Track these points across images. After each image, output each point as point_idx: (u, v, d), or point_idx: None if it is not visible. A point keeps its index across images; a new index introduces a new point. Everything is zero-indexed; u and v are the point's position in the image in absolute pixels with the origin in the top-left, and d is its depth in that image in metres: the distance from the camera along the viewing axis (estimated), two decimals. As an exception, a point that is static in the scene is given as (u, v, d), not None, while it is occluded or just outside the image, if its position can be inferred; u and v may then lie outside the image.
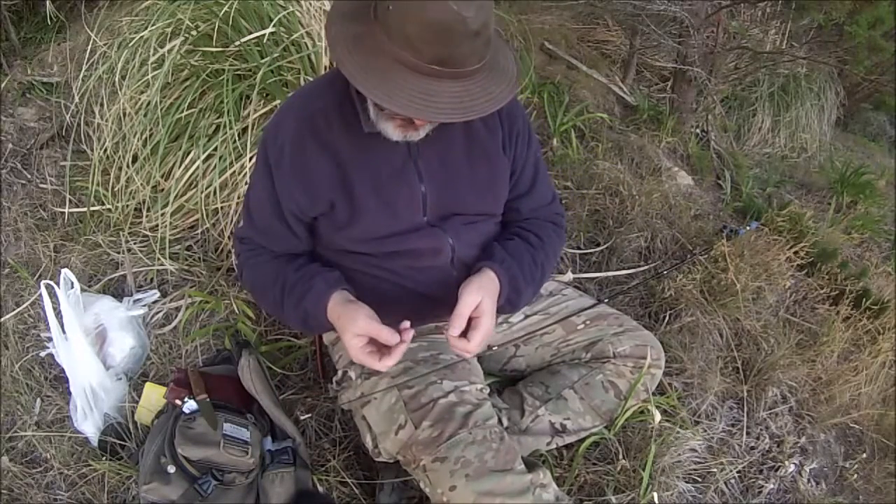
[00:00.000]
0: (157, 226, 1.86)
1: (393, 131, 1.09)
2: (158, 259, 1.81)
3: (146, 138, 1.88)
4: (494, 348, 1.40)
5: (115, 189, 1.94)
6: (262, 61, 1.75)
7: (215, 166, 1.78)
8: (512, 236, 1.30)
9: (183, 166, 1.83)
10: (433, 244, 1.22)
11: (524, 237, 1.29)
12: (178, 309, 1.74)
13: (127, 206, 1.92)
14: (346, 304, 1.14)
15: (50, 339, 1.57)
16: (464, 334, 1.12)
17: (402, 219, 1.20)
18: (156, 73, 1.85)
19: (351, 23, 1.00)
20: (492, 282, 1.17)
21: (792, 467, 1.65)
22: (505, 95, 1.01)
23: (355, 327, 1.09)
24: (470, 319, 1.12)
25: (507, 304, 1.22)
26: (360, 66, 0.97)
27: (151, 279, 1.81)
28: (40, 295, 1.56)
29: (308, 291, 1.17)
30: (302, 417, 1.51)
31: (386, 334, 1.08)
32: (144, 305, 1.72)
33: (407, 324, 1.10)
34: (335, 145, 1.16)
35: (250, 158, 1.77)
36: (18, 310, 1.73)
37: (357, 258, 1.23)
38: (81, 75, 2.04)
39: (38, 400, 1.56)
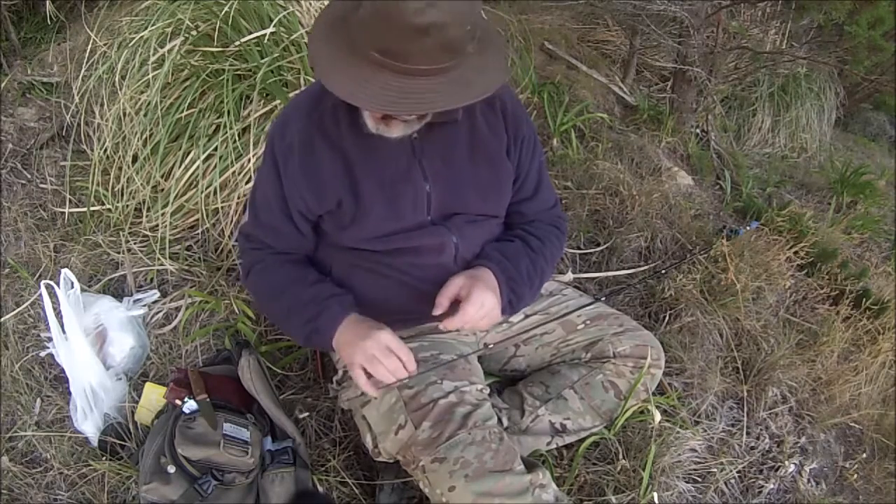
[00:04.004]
0: (157, 226, 1.86)
1: (370, 122, 1.12)
2: (158, 259, 1.81)
3: (146, 138, 1.88)
4: (491, 346, 1.40)
5: (115, 189, 1.94)
6: (262, 61, 1.75)
7: (215, 166, 1.78)
8: (514, 238, 1.31)
9: (183, 166, 1.83)
10: (437, 241, 1.23)
11: (526, 241, 1.30)
12: (178, 309, 1.74)
13: (127, 206, 1.92)
14: (362, 321, 1.16)
15: (50, 339, 1.57)
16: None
17: (407, 217, 1.21)
18: (156, 73, 1.85)
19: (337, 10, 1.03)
20: (486, 273, 1.19)
21: (792, 467, 1.65)
22: (443, 104, 1.00)
23: (382, 335, 1.12)
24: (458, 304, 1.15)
25: (508, 306, 1.23)
26: (318, 49, 1.01)
27: (151, 279, 1.81)
28: (40, 295, 1.56)
29: (322, 312, 1.18)
30: (301, 417, 1.51)
31: (406, 352, 1.12)
32: (144, 305, 1.72)
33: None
34: (343, 144, 1.17)
35: (250, 158, 1.77)
36: (18, 310, 1.73)
37: (361, 255, 1.24)
38: (81, 75, 2.05)
39: (38, 400, 1.56)
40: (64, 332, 1.48)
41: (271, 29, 1.78)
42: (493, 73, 1.03)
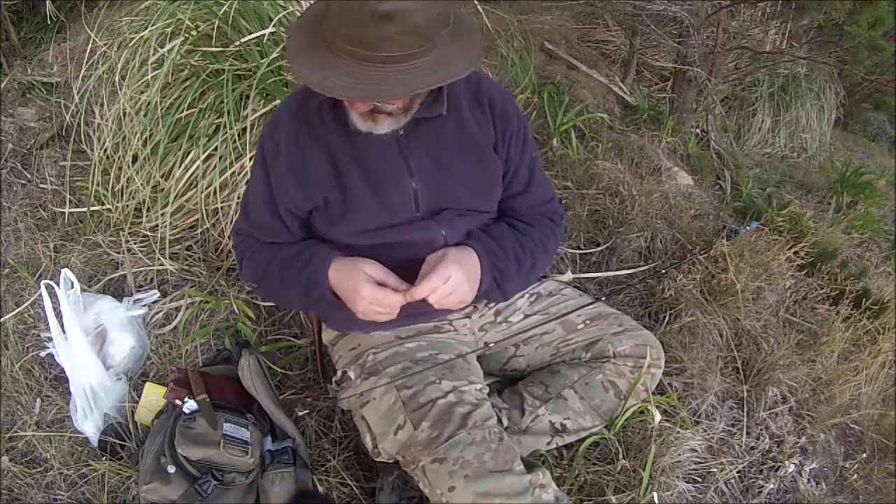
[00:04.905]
0: (157, 226, 1.86)
1: (357, 119, 1.12)
2: (158, 259, 1.81)
3: (146, 138, 1.88)
4: (491, 345, 1.40)
5: (115, 189, 1.94)
6: (262, 61, 1.75)
7: (215, 166, 1.78)
8: (498, 222, 1.32)
9: (183, 166, 1.83)
10: (426, 235, 1.23)
11: (511, 224, 1.31)
12: (178, 309, 1.74)
13: (127, 206, 1.92)
14: (350, 258, 1.19)
15: (50, 339, 1.57)
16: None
17: (396, 214, 1.22)
18: (156, 73, 1.85)
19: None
20: (465, 250, 1.20)
21: (792, 467, 1.65)
22: (398, 90, 1.00)
23: (368, 267, 1.15)
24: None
25: (495, 287, 1.23)
26: (293, 42, 1.05)
27: (151, 279, 1.81)
28: (40, 295, 1.56)
29: (311, 258, 1.21)
30: (301, 414, 1.51)
31: (394, 280, 1.15)
32: (144, 305, 1.72)
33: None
34: (329, 143, 1.18)
35: (250, 158, 1.77)
36: (18, 310, 1.74)
37: (351, 250, 1.24)
38: (81, 75, 2.05)
39: (38, 400, 1.56)
40: (64, 332, 1.48)
41: (271, 29, 1.78)
42: (459, 64, 1.03)
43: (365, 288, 1.13)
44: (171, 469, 1.24)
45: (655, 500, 1.40)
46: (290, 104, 1.24)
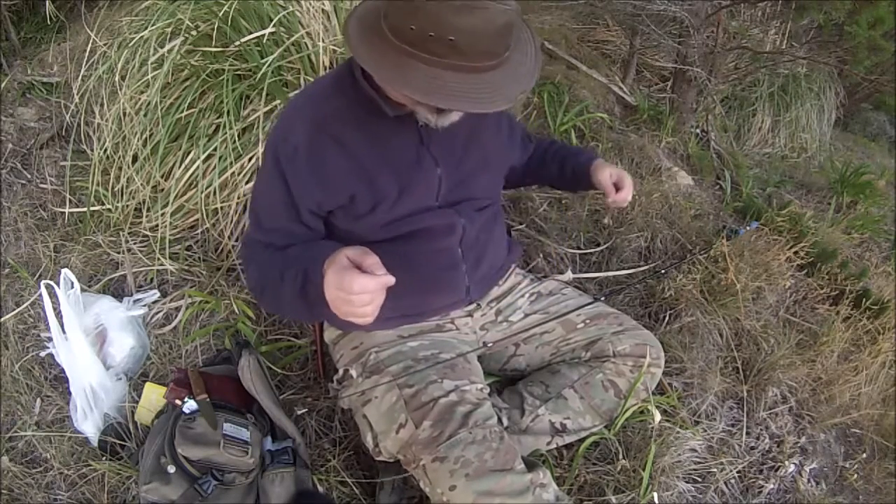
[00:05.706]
0: (157, 226, 1.86)
1: (427, 114, 1.11)
2: (158, 259, 1.81)
3: (146, 138, 1.88)
4: (491, 345, 1.40)
5: (115, 189, 1.94)
6: (263, 61, 1.75)
7: (215, 166, 1.78)
8: (558, 147, 1.59)
9: (183, 166, 1.83)
10: (446, 221, 1.25)
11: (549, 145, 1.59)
12: (178, 309, 1.74)
13: (127, 206, 1.92)
14: (328, 265, 1.06)
15: (50, 339, 1.57)
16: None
17: (416, 202, 1.23)
18: (156, 73, 1.85)
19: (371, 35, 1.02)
20: (603, 161, 1.50)
21: (792, 467, 1.65)
22: (513, 91, 1.03)
23: (346, 250, 1.02)
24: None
25: None
26: (373, 54, 1.00)
27: (151, 279, 1.81)
28: (40, 295, 1.56)
29: (309, 255, 1.13)
30: (300, 413, 1.51)
31: (371, 260, 0.99)
32: (144, 305, 1.72)
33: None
34: (350, 143, 1.17)
35: (250, 158, 1.77)
36: (18, 310, 1.73)
37: (368, 246, 1.23)
38: (81, 75, 2.05)
39: (38, 400, 1.56)
40: (64, 332, 1.48)
41: (271, 29, 1.78)
42: (531, 58, 1.08)
43: (329, 271, 0.99)
44: (171, 469, 1.24)
45: (655, 500, 1.40)
46: (301, 109, 1.20)
